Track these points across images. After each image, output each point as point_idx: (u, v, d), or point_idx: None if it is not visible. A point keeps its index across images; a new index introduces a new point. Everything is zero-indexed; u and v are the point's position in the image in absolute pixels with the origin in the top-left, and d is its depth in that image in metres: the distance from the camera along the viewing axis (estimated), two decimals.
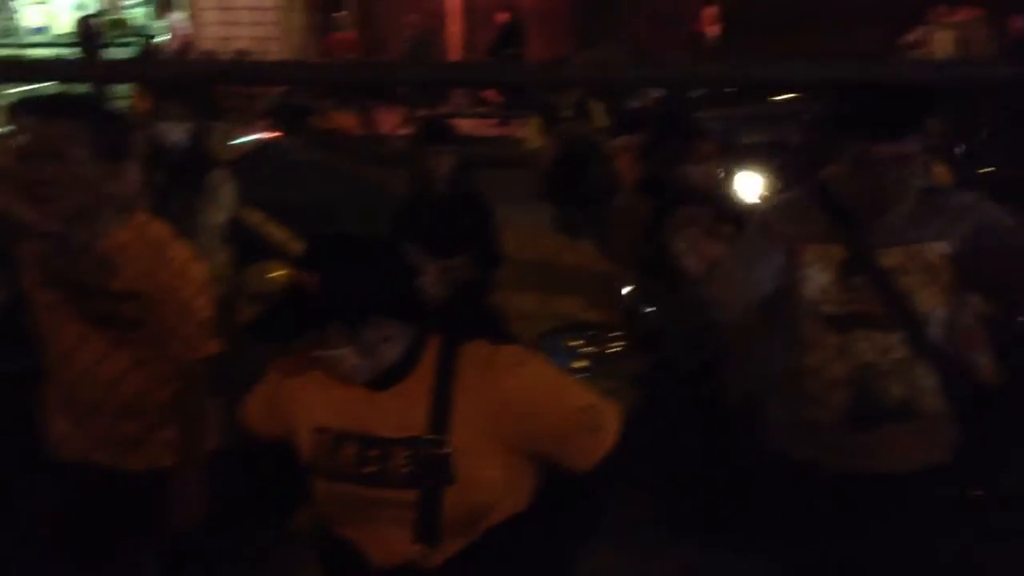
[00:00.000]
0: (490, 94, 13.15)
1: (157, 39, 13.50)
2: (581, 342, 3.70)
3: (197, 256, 2.32)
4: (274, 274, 3.40)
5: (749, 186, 5.02)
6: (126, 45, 13.37)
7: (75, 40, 13.36)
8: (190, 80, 3.07)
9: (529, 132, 5.57)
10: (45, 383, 2.37)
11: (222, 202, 3.50)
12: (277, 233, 3.68)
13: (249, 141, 4.77)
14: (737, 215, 2.93)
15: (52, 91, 2.38)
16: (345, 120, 10.82)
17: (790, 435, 2.27)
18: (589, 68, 1.16)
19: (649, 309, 3.52)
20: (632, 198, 3.55)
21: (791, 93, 7.15)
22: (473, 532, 1.69)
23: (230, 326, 2.40)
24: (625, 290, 3.81)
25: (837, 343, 2.15)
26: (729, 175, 3.52)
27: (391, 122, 11.74)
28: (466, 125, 9.56)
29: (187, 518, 2.30)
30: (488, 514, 1.70)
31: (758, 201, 2.40)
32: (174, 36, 12.82)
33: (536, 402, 1.68)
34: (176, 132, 3.48)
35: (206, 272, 2.32)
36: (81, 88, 3.01)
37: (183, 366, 2.26)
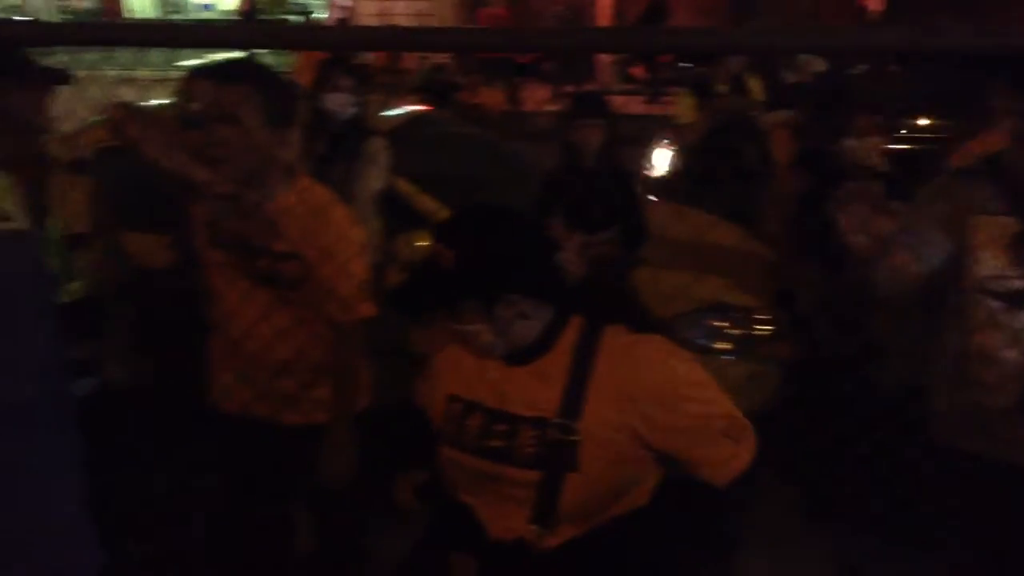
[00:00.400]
0: (637, 71, 12.98)
1: (316, 15, 13.99)
2: (726, 323, 3.60)
3: (356, 221, 2.39)
4: (422, 243, 3.46)
5: (913, 160, 4.79)
6: (286, 21, 13.92)
7: (238, 15, 14.03)
8: (351, 47, 3.15)
9: (681, 107, 5.44)
10: (211, 337, 2.50)
11: (378, 171, 3.59)
12: (427, 203, 3.74)
13: (402, 113, 4.86)
14: (904, 190, 2.78)
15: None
16: (492, 96, 10.89)
17: (957, 424, 2.14)
18: (745, 33, 1.09)
19: (802, 290, 3.40)
20: (788, 175, 3.43)
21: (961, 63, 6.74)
22: (590, 521, 1.67)
23: (381, 291, 2.46)
24: (776, 271, 3.68)
25: (1010, 324, 2.01)
26: (893, 149, 3.35)
27: (537, 99, 11.75)
28: (614, 103, 9.47)
29: (337, 473, 2.38)
30: (608, 506, 1.67)
31: (924, 175, 2.27)
32: (333, 11, 13.21)
33: (675, 399, 1.62)
34: (338, 101, 3.59)
35: (363, 237, 2.39)
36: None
37: (338, 327, 2.33)
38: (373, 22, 12.66)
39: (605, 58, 12.65)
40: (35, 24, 2.51)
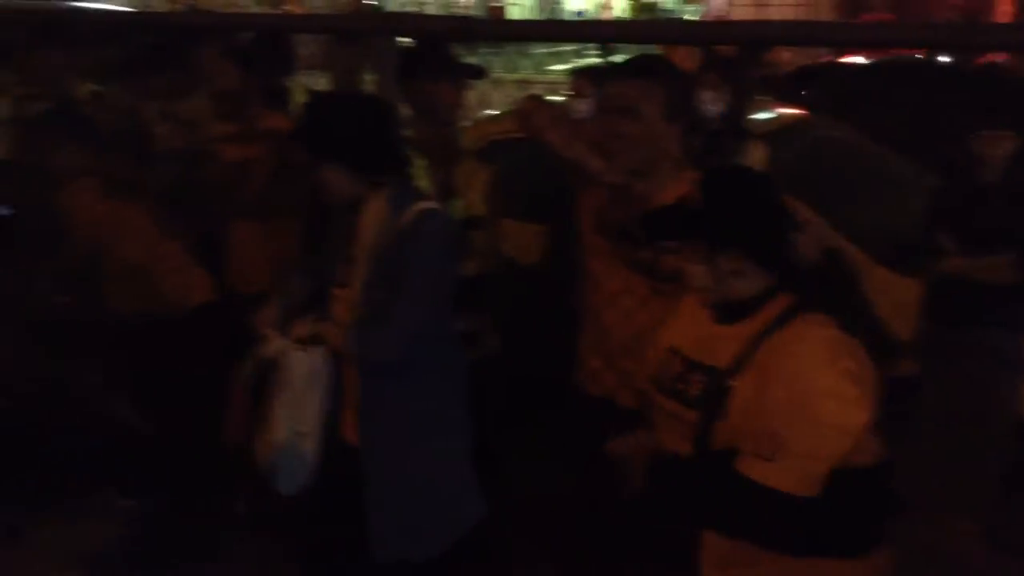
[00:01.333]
0: None
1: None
2: None
3: None
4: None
5: None
6: None
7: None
8: (738, 43, 3.16)
9: None
10: (583, 321, 2.59)
11: None
12: (802, 211, 3.61)
13: (776, 116, 4.74)
14: None
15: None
16: None
17: None
18: None
19: None
20: None
21: None
22: None
23: None
24: None
25: None
26: None
27: None
28: None
29: None
30: None
31: None
32: (708, 16, 13.03)
33: (787, 393, 1.66)
34: (716, 102, 3.59)
35: None
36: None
37: None
38: None
39: None
40: (455, 19, 2.80)
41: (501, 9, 16.13)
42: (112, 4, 5.82)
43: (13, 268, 3.60)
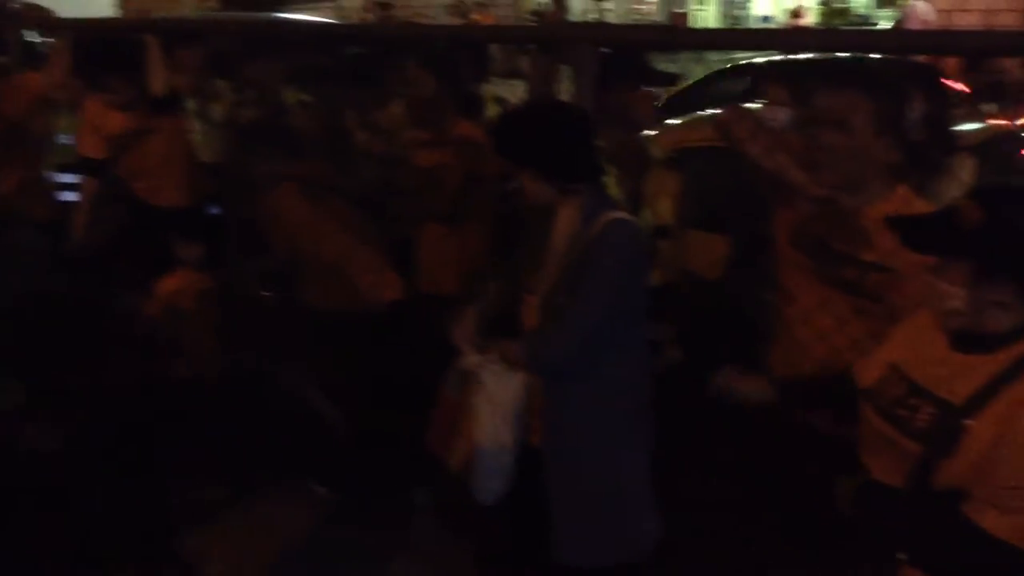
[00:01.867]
0: None
1: (879, 26, 13.40)
2: None
3: None
4: None
5: None
6: None
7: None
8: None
9: None
10: (773, 335, 2.51)
11: (960, 190, 3.33)
12: None
13: (985, 128, 4.47)
14: None
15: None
16: None
17: None
18: None
19: None
20: None
21: None
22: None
23: None
24: None
25: None
26: None
27: None
28: None
29: None
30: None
31: None
32: (909, 23, 12.21)
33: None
34: (920, 111, 3.40)
35: None
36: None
37: None
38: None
39: None
40: (658, 29, 2.78)
41: (684, 16, 15.95)
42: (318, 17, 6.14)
43: (221, 264, 3.86)
